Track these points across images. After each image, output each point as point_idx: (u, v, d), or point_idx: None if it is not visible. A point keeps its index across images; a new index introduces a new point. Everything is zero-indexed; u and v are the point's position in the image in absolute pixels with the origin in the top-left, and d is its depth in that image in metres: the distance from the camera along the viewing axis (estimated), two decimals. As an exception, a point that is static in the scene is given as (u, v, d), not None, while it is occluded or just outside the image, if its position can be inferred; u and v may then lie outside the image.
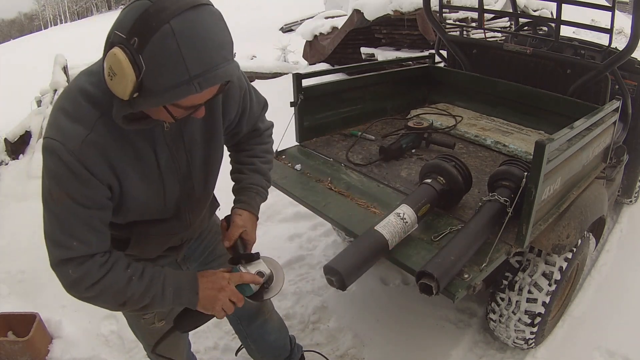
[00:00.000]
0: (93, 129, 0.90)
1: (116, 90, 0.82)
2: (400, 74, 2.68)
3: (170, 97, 0.81)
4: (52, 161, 0.90)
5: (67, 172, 0.90)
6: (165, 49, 0.77)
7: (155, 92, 0.80)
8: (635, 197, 3.11)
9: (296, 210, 3.09)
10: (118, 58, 0.78)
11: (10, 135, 4.30)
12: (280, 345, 1.73)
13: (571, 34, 5.05)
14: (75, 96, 0.92)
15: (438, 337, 2.14)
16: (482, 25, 2.92)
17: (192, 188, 1.14)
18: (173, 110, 0.87)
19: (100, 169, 0.93)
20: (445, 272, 1.18)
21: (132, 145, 0.97)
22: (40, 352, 2.10)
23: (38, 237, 3.17)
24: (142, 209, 1.06)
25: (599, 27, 2.35)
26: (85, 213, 0.95)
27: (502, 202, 1.42)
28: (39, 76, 7.21)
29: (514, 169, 1.53)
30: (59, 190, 0.92)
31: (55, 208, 0.94)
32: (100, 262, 0.99)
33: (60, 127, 0.90)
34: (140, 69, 0.77)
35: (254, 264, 1.15)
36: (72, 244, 0.95)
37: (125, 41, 0.78)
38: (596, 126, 1.68)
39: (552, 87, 2.34)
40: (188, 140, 1.07)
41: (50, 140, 0.90)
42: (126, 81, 0.78)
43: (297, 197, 1.77)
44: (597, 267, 2.55)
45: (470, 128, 2.31)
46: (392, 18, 5.55)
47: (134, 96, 0.81)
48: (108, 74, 0.81)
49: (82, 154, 0.89)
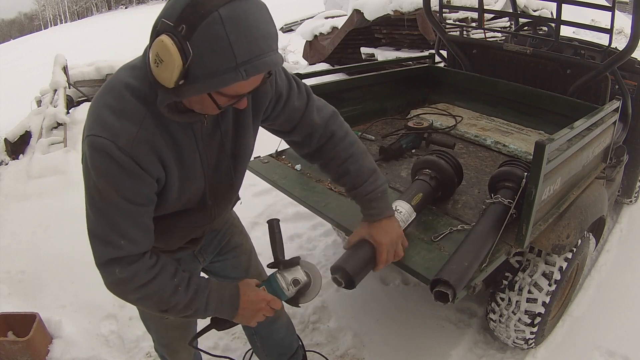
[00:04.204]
0: (142, 125, 0.90)
1: (162, 77, 0.82)
2: (400, 74, 2.68)
3: (216, 83, 0.81)
4: (102, 159, 0.88)
5: (118, 169, 0.89)
6: (213, 36, 0.77)
7: (201, 78, 0.80)
8: (635, 197, 3.11)
9: (296, 210, 3.09)
10: (166, 45, 0.78)
11: (10, 135, 4.31)
12: (286, 344, 1.73)
13: (571, 34, 5.06)
14: (120, 91, 0.91)
15: (438, 337, 2.14)
16: (482, 25, 2.92)
17: (222, 182, 1.14)
18: (218, 98, 0.86)
19: (151, 164, 0.92)
20: (460, 278, 1.16)
21: (176, 140, 0.97)
22: (40, 352, 2.10)
23: (38, 237, 3.18)
24: (176, 202, 1.05)
25: (599, 27, 2.35)
26: (136, 210, 0.94)
27: (507, 203, 1.42)
28: (39, 76, 7.21)
29: (515, 169, 1.53)
30: (108, 188, 0.90)
31: (103, 206, 0.93)
32: (149, 265, 0.99)
33: (107, 124, 0.88)
34: (187, 56, 0.77)
35: (292, 271, 1.16)
36: (121, 243, 0.95)
37: (172, 29, 0.78)
38: (596, 126, 1.68)
39: (552, 87, 2.34)
40: (222, 135, 1.07)
41: (97, 137, 0.88)
42: (173, 67, 0.78)
43: (297, 197, 1.77)
44: (597, 267, 2.55)
45: (470, 128, 2.31)
46: (392, 18, 5.56)
47: (179, 83, 0.80)
48: (154, 61, 0.81)
49: (134, 150, 0.89)
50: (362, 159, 1.23)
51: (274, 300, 1.15)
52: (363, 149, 1.25)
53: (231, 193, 1.22)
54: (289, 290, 1.16)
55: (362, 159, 1.23)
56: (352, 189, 1.24)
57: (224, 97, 0.87)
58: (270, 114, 1.16)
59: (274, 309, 1.16)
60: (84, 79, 5.70)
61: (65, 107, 4.35)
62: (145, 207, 0.96)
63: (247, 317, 1.14)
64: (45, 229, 2.91)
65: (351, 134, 1.25)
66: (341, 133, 1.22)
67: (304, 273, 1.17)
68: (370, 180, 1.23)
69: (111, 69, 5.81)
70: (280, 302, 1.17)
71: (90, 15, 55.88)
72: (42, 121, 4.21)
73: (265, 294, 1.15)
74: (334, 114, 1.24)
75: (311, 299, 1.18)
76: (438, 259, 1.34)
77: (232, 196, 1.25)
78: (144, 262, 0.98)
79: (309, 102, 1.19)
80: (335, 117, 1.24)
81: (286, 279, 1.15)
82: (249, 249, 1.56)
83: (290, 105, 1.16)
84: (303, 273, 1.16)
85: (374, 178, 1.23)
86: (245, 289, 1.14)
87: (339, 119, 1.25)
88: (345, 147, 1.22)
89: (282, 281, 1.16)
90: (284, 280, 1.16)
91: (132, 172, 0.90)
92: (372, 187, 1.22)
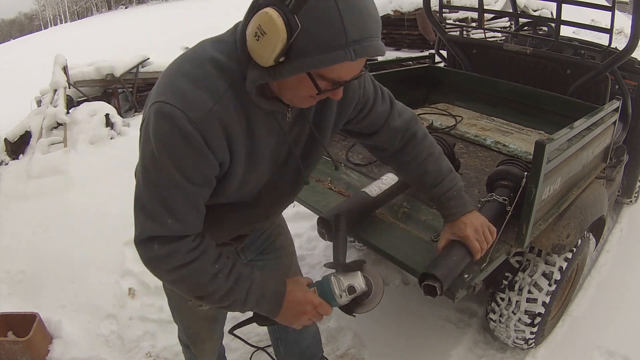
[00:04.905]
0: (220, 100, 0.83)
1: (261, 52, 0.76)
2: (400, 74, 2.68)
3: (323, 60, 0.75)
4: (167, 128, 0.81)
5: (183, 142, 0.81)
6: (325, 9, 0.72)
7: (307, 53, 0.74)
8: (635, 197, 3.11)
9: (296, 210, 3.08)
10: (271, 16, 0.72)
11: (10, 135, 4.30)
12: (312, 352, 1.68)
13: (571, 34, 5.06)
14: (203, 62, 0.84)
15: (438, 337, 2.14)
16: (482, 25, 2.92)
17: (286, 181, 1.08)
18: (318, 81, 0.80)
19: (219, 143, 0.85)
20: (448, 272, 1.17)
21: (252, 127, 0.90)
22: (40, 352, 2.10)
23: (38, 237, 3.17)
24: (235, 193, 0.98)
25: (599, 27, 2.35)
26: (192, 189, 0.87)
27: (501, 201, 1.42)
28: (39, 76, 7.20)
29: (512, 168, 1.53)
30: (168, 161, 0.83)
31: (158, 178, 0.85)
32: (191, 247, 0.91)
33: (181, 93, 0.81)
34: (293, 30, 0.72)
35: (349, 276, 1.03)
36: (167, 221, 0.87)
37: (278, 2, 0.73)
38: (596, 126, 1.68)
39: (552, 87, 2.34)
40: (297, 132, 1.01)
41: (167, 105, 0.81)
42: (276, 41, 0.73)
43: (297, 197, 1.76)
44: (597, 267, 2.55)
45: (470, 128, 2.31)
46: (392, 18, 5.57)
47: (279, 60, 0.75)
48: (254, 34, 0.75)
49: (204, 125, 0.81)
50: (440, 159, 1.22)
51: (322, 304, 1.02)
52: (440, 149, 1.25)
53: (291, 194, 1.17)
54: (342, 297, 1.02)
55: (440, 158, 1.23)
56: (431, 187, 1.22)
57: (324, 80, 0.81)
58: (354, 117, 1.12)
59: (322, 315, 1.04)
60: (84, 79, 5.70)
61: (65, 107, 4.34)
62: (201, 188, 0.89)
63: (290, 319, 1.03)
64: (45, 229, 2.91)
65: (429, 135, 1.24)
66: (421, 133, 1.21)
67: (364, 280, 1.03)
68: (449, 178, 1.21)
69: (111, 69, 5.82)
70: (329, 308, 1.04)
71: (90, 15, 55.85)
72: (42, 121, 4.20)
73: (314, 296, 1.03)
74: (414, 115, 1.22)
75: (369, 310, 1.05)
76: (438, 258, 1.34)
77: (291, 197, 1.20)
78: (186, 242, 0.90)
79: (392, 108, 1.17)
80: (416, 118, 1.23)
81: (341, 283, 1.02)
82: (292, 252, 1.54)
83: (375, 111, 1.13)
84: (362, 280, 1.03)
85: (452, 176, 1.22)
86: (293, 287, 1.03)
87: (418, 120, 1.24)
88: (426, 147, 1.21)
89: (336, 286, 1.02)
90: (338, 284, 1.02)
91: (197, 149, 0.82)
92: (450, 184, 1.21)
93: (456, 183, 1.22)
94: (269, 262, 1.45)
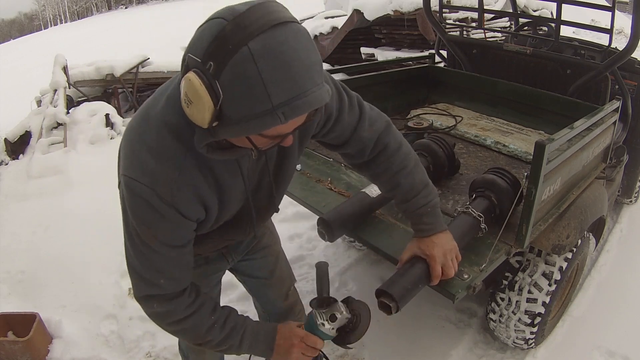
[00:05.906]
0: (183, 167, 0.84)
1: (194, 117, 0.74)
2: (400, 74, 2.68)
3: (253, 127, 0.71)
4: (139, 205, 0.85)
5: (159, 218, 0.85)
6: (244, 75, 0.67)
7: (235, 121, 0.71)
8: (635, 197, 3.11)
9: (296, 210, 3.09)
10: (193, 84, 0.69)
11: (10, 135, 4.30)
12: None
13: (571, 34, 5.06)
14: (159, 129, 0.84)
15: (438, 337, 2.14)
16: (482, 25, 2.92)
17: (262, 203, 1.10)
18: (256, 139, 0.78)
19: (194, 208, 0.89)
20: (405, 293, 1.14)
21: (216, 174, 0.91)
22: (40, 352, 2.10)
23: (38, 237, 3.17)
24: (213, 226, 1.02)
25: (599, 27, 2.35)
26: (176, 252, 0.92)
27: (476, 216, 1.37)
28: (39, 76, 7.21)
29: (497, 179, 1.48)
30: (147, 233, 0.88)
31: (143, 248, 0.90)
32: (187, 303, 0.98)
33: (145, 168, 0.83)
34: (218, 97, 0.69)
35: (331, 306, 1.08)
36: (160, 282, 0.94)
37: (200, 65, 0.69)
38: (596, 126, 1.68)
39: (552, 87, 2.34)
40: (266, 160, 1.02)
41: (135, 182, 0.83)
42: (204, 109, 0.70)
43: (297, 197, 1.77)
44: (597, 267, 2.56)
45: (470, 128, 2.31)
46: (392, 18, 5.57)
47: (213, 125, 0.73)
48: (184, 101, 0.74)
49: (175, 197, 0.84)
50: (414, 172, 1.17)
51: (308, 336, 1.08)
52: (416, 161, 1.19)
53: (271, 211, 1.18)
54: (324, 325, 1.07)
55: (414, 172, 1.17)
56: (402, 202, 1.18)
57: (264, 138, 0.78)
58: (319, 132, 1.09)
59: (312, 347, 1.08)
60: (84, 79, 5.69)
61: (65, 107, 4.34)
62: (185, 247, 0.94)
63: (283, 355, 1.08)
64: (45, 229, 2.91)
65: (405, 146, 1.18)
66: (394, 145, 1.16)
67: (344, 308, 1.08)
68: (422, 194, 1.17)
69: (111, 69, 5.81)
70: (317, 340, 1.09)
71: (90, 15, 55.87)
72: (42, 121, 4.20)
73: (300, 330, 1.10)
74: (387, 124, 1.17)
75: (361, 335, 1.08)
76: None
77: (270, 213, 1.21)
78: (182, 300, 0.97)
79: (361, 116, 1.11)
80: (389, 128, 1.17)
81: (322, 314, 1.08)
82: (277, 251, 1.54)
83: (341, 122, 1.08)
84: (342, 308, 1.08)
85: (426, 192, 1.17)
86: (282, 327, 1.11)
87: (392, 129, 1.18)
88: (399, 160, 1.16)
89: (318, 316, 1.09)
90: (319, 315, 1.09)
91: (174, 221, 0.87)
92: (423, 201, 1.17)
93: (431, 200, 1.18)
94: (255, 262, 1.47)
